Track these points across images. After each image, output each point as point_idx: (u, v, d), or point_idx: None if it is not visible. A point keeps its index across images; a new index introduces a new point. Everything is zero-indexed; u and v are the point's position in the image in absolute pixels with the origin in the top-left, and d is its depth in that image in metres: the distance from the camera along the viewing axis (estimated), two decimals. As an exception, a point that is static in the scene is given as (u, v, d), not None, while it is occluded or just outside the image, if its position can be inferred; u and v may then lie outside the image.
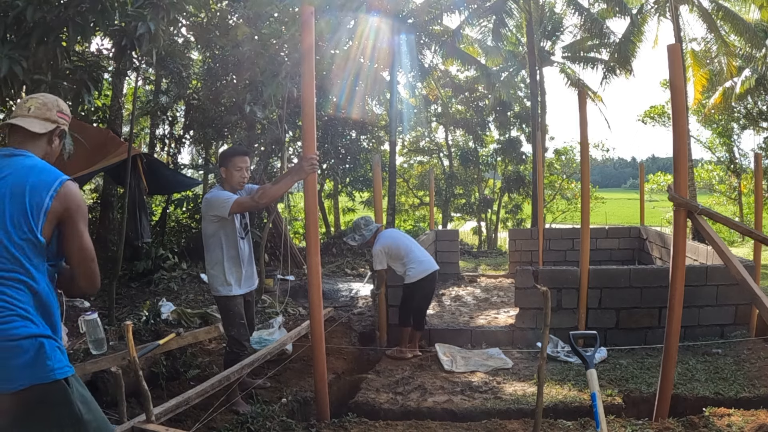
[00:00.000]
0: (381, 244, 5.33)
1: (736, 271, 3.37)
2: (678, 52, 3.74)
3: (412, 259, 5.23)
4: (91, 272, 1.95)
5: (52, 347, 1.79)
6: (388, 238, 5.37)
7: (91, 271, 1.95)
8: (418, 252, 5.32)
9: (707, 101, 18.94)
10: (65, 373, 1.78)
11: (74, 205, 1.92)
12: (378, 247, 5.34)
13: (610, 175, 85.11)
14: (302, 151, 3.88)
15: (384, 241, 5.34)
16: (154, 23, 4.67)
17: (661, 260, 8.92)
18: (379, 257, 5.32)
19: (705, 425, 3.57)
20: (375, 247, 5.36)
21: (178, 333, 4.74)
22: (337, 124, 12.87)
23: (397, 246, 5.32)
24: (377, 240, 5.38)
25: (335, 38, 9.83)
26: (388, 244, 5.31)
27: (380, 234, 5.44)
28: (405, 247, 5.30)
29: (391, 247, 5.30)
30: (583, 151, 5.73)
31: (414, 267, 5.23)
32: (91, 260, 1.95)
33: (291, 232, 17.32)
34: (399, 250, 5.29)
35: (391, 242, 5.33)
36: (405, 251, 5.26)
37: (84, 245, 1.94)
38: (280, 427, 3.63)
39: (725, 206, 25.75)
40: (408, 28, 16.11)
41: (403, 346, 5.33)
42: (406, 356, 5.25)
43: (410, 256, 5.24)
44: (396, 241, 5.35)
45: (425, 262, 5.28)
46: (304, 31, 3.68)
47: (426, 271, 5.25)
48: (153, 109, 11.55)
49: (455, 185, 24.10)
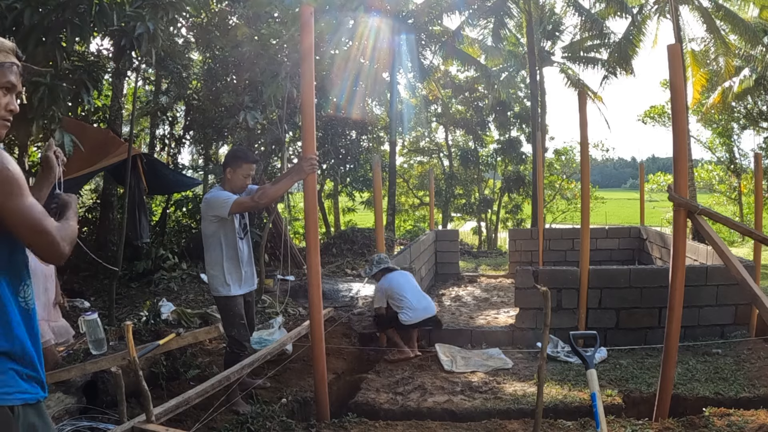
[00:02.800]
0: (382, 284, 5.44)
1: (736, 271, 3.37)
2: (678, 52, 3.74)
3: (407, 306, 5.28)
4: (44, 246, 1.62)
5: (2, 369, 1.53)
6: (390, 281, 5.42)
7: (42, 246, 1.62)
8: (413, 299, 5.32)
9: (707, 101, 18.95)
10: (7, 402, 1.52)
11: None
12: (378, 285, 5.48)
13: (610, 175, 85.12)
14: (302, 151, 3.87)
15: (385, 283, 5.43)
16: (153, 23, 4.67)
17: (661, 260, 8.92)
18: (378, 295, 5.45)
19: (705, 425, 3.57)
20: (376, 286, 5.52)
21: (178, 333, 4.74)
22: (337, 124, 12.87)
23: (392, 290, 5.36)
24: (382, 278, 5.47)
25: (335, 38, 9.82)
26: (387, 287, 5.40)
27: (387, 275, 5.48)
28: (401, 292, 5.33)
29: (389, 290, 5.37)
30: (583, 151, 5.73)
31: (408, 314, 5.26)
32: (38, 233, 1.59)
33: (291, 232, 17.32)
34: (396, 294, 5.34)
35: (389, 286, 5.39)
36: (401, 296, 5.31)
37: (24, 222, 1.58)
38: (280, 427, 3.63)
39: (725, 206, 25.76)
40: (408, 29, 16.12)
41: (400, 346, 5.33)
42: (408, 356, 5.24)
43: (404, 302, 5.28)
44: (395, 286, 5.39)
45: (420, 311, 5.30)
46: (303, 31, 3.68)
47: (418, 318, 5.30)
48: (153, 110, 11.55)
49: (455, 185, 24.13)
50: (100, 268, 8.71)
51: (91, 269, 8.51)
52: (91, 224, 10.53)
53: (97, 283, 8.22)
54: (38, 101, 4.44)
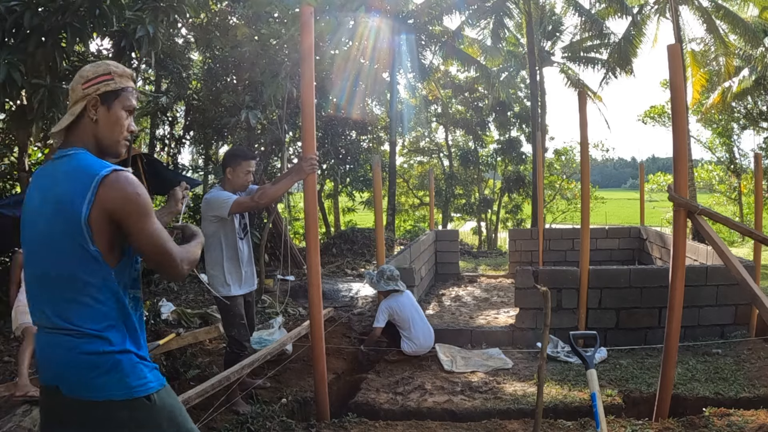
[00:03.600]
0: (390, 304, 5.32)
1: (736, 271, 3.37)
2: (678, 52, 3.74)
3: (411, 336, 5.21)
4: (166, 266, 1.76)
5: (132, 363, 1.72)
6: (400, 305, 5.32)
7: (164, 265, 1.76)
8: (419, 332, 5.26)
9: (706, 101, 18.96)
10: (147, 390, 1.72)
11: (121, 203, 1.68)
12: (385, 304, 5.33)
13: (610, 175, 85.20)
14: (302, 151, 3.88)
15: (393, 304, 5.31)
16: (153, 26, 4.68)
17: (661, 260, 8.92)
18: (382, 313, 5.29)
19: (705, 425, 3.57)
20: (383, 302, 5.36)
21: (178, 333, 4.75)
22: (337, 124, 12.88)
23: (400, 314, 5.28)
24: (389, 296, 5.37)
25: (335, 38, 9.83)
26: (396, 309, 5.29)
27: (395, 294, 5.39)
28: (409, 319, 5.27)
29: (397, 312, 5.28)
30: (583, 151, 5.73)
31: (411, 345, 5.21)
32: (161, 254, 1.73)
33: (291, 232, 17.33)
34: (404, 320, 5.26)
35: (398, 308, 5.29)
36: (408, 323, 5.25)
37: (148, 241, 1.72)
38: (280, 427, 3.63)
39: (725, 206, 25.77)
40: (408, 29, 16.13)
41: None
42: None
43: (410, 331, 5.22)
44: (405, 311, 5.31)
45: (423, 346, 5.25)
46: (303, 31, 3.68)
47: (420, 352, 5.24)
48: (153, 110, 11.55)
49: (455, 185, 24.14)
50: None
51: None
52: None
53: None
54: (38, 103, 4.44)
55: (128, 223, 1.70)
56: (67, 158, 1.76)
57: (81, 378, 1.67)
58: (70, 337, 1.68)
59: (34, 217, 1.77)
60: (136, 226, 1.70)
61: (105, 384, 1.67)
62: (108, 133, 1.83)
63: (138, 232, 1.70)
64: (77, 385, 1.68)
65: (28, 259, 1.80)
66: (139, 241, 1.71)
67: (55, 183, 1.73)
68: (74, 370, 1.68)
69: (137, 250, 1.76)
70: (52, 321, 1.71)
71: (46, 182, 1.77)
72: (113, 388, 1.68)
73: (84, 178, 1.68)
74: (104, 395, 1.67)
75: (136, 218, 1.70)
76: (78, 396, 1.67)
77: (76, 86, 1.82)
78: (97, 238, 1.68)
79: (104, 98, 1.81)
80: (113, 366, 1.69)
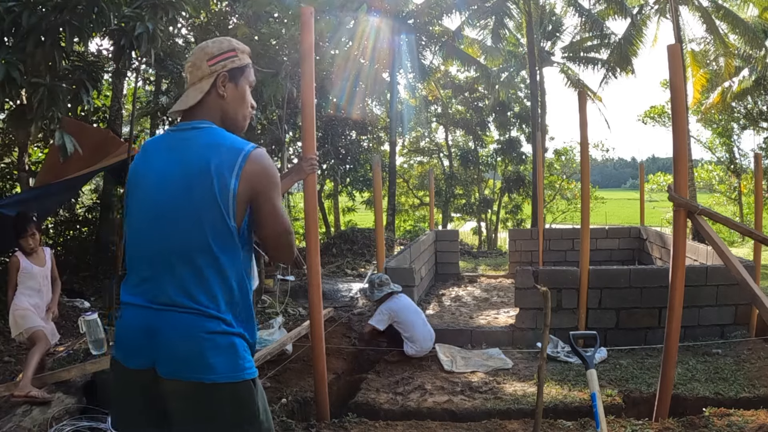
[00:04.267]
0: (389, 306, 5.30)
1: (736, 271, 3.37)
2: (678, 52, 3.74)
3: (413, 338, 5.20)
4: (287, 245, 1.78)
5: (244, 347, 1.71)
6: (398, 306, 5.32)
7: (286, 244, 1.78)
8: (420, 333, 5.25)
9: (706, 101, 18.97)
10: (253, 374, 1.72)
11: (264, 180, 1.69)
12: (385, 306, 5.30)
13: (610, 175, 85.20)
14: (302, 151, 3.88)
15: (392, 305, 5.31)
16: (152, 23, 4.67)
17: (661, 260, 8.92)
18: (381, 315, 5.27)
19: (705, 425, 3.57)
20: (383, 305, 5.33)
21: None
22: (337, 124, 12.89)
23: (401, 316, 5.28)
24: (388, 299, 5.35)
25: (335, 38, 9.83)
26: (395, 311, 5.28)
27: (393, 296, 5.38)
28: (410, 321, 5.26)
29: (397, 315, 5.27)
30: (583, 152, 5.73)
31: (413, 347, 5.19)
32: (287, 231, 1.77)
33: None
34: (404, 322, 5.26)
35: (397, 309, 5.29)
36: (410, 326, 5.24)
37: (277, 218, 1.73)
38: (280, 428, 3.63)
39: (725, 206, 25.77)
40: (408, 29, 16.13)
41: None
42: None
43: (412, 333, 5.22)
44: (404, 312, 5.31)
45: (424, 347, 5.24)
46: (303, 31, 3.68)
47: (421, 354, 5.23)
48: (153, 110, 11.54)
49: (455, 185, 24.14)
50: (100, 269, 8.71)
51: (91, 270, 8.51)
52: (91, 224, 10.52)
53: (97, 283, 8.21)
54: (38, 102, 4.43)
55: (264, 198, 1.70)
56: (200, 131, 1.73)
57: (194, 357, 1.61)
58: (193, 315, 1.63)
59: (161, 188, 1.70)
60: (270, 202, 1.71)
61: (218, 365, 1.62)
62: (236, 108, 1.83)
63: (272, 207, 1.71)
64: (186, 365, 1.61)
65: (145, 233, 1.72)
66: (270, 217, 1.72)
67: (193, 154, 1.69)
68: (189, 349, 1.62)
69: (264, 226, 1.74)
70: (172, 299, 1.64)
71: (176, 153, 1.71)
72: (226, 369, 1.63)
73: (229, 152, 1.67)
74: (214, 376, 1.62)
75: (272, 194, 1.72)
76: (181, 377, 1.61)
77: (200, 63, 1.80)
78: (237, 213, 1.67)
79: (231, 74, 1.81)
80: (229, 347, 1.66)
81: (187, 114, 1.80)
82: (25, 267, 4.11)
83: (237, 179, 1.65)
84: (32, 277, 4.14)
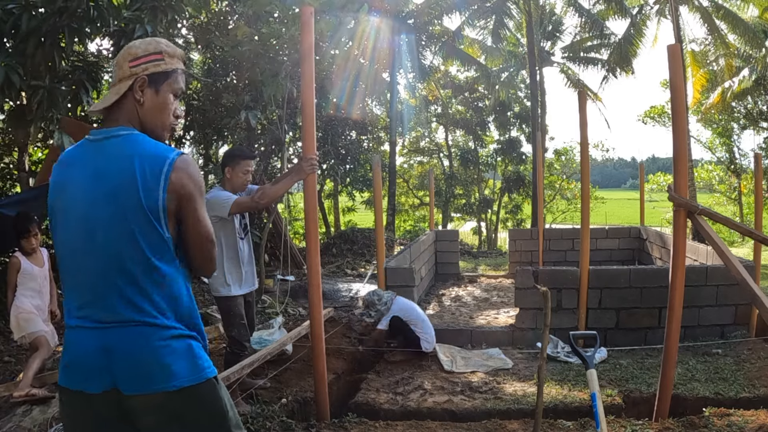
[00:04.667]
0: (399, 307, 5.31)
1: (736, 271, 3.37)
2: (678, 53, 3.74)
3: (427, 334, 5.24)
4: (209, 255, 1.73)
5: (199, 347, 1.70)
6: (403, 306, 5.35)
7: (208, 255, 1.73)
8: (427, 326, 5.30)
9: (706, 101, 18.97)
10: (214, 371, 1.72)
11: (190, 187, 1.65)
12: (396, 308, 5.30)
13: (610, 175, 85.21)
14: (302, 151, 3.88)
15: (401, 305, 5.33)
16: (151, 25, 4.68)
17: (661, 260, 8.92)
18: (388, 318, 5.26)
19: (705, 425, 3.57)
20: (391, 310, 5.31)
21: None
22: (337, 124, 12.88)
23: (410, 313, 5.31)
24: (393, 303, 5.35)
25: (335, 38, 9.82)
26: (407, 309, 5.31)
27: (395, 299, 5.39)
28: (420, 317, 5.31)
29: (409, 313, 5.29)
30: (583, 152, 5.73)
31: (427, 343, 5.23)
32: (210, 240, 1.71)
33: (291, 232, 17.33)
34: (415, 318, 5.29)
35: (407, 308, 5.33)
36: (421, 322, 5.28)
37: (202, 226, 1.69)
38: (280, 427, 3.63)
39: (725, 206, 25.77)
40: (408, 29, 16.14)
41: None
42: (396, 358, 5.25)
43: (423, 328, 5.25)
44: (411, 310, 5.35)
45: (432, 336, 5.29)
46: (303, 31, 3.68)
47: (432, 346, 5.27)
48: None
49: (455, 185, 24.13)
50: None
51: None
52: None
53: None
54: (37, 104, 4.44)
55: (190, 206, 1.66)
56: (119, 139, 1.65)
57: (154, 368, 1.60)
58: (144, 327, 1.61)
59: (89, 203, 1.63)
60: (196, 209, 1.67)
61: (179, 370, 1.61)
62: (153, 117, 1.73)
63: (198, 215, 1.67)
64: (148, 378, 1.59)
65: (80, 252, 1.64)
66: (196, 224, 1.68)
67: (117, 166, 1.62)
68: (148, 361, 1.60)
69: (189, 235, 1.69)
70: (121, 314, 1.61)
71: (100, 165, 1.64)
72: (187, 372, 1.63)
73: (153, 162, 1.61)
74: (177, 382, 1.61)
75: (198, 201, 1.67)
76: (146, 391, 1.59)
77: (122, 63, 1.70)
78: (169, 223, 1.64)
79: (153, 79, 1.70)
80: (187, 350, 1.65)
81: (108, 117, 1.72)
82: (26, 268, 4.11)
83: (165, 191, 1.60)
84: (33, 278, 4.14)
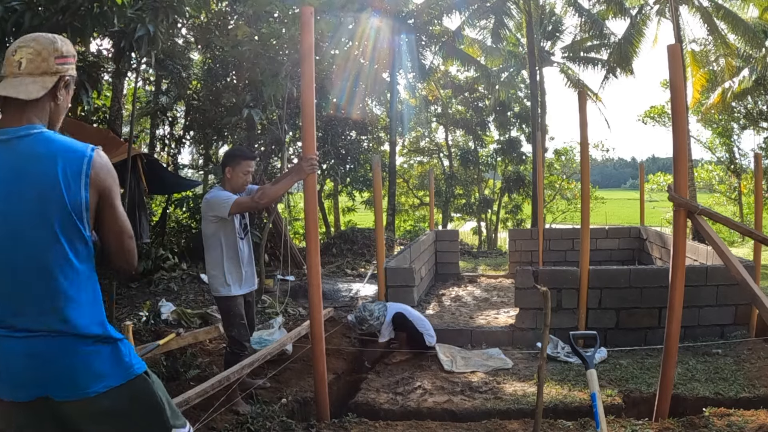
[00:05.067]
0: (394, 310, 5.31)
1: (736, 272, 3.37)
2: (678, 53, 3.74)
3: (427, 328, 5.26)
4: (129, 251, 1.73)
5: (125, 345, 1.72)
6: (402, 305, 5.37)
7: (128, 250, 1.73)
8: (427, 322, 5.34)
9: (707, 101, 18.97)
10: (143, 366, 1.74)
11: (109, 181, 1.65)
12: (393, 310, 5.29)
13: (610, 175, 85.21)
14: (302, 151, 3.88)
15: (397, 307, 5.35)
16: (152, 26, 4.67)
17: (661, 260, 8.92)
18: (389, 326, 5.24)
19: (705, 425, 3.56)
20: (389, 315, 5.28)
21: (178, 333, 4.74)
22: (337, 124, 12.89)
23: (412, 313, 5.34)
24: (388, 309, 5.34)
25: (335, 38, 9.83)
26: (403, 309, 5.32)
27: (388, 305, 5.38)
28: (418, 315, 5.34)
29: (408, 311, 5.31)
30: (583, 152, 5.73)
31: (431, 335, 5.25)
32: (130, 237, 1.72)
33: (291, 232, 17.32)
34: (415, 316, 5.32)
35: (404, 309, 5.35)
36: (421, 319, 5.31)
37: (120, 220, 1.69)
38: (280, 428, 3.63)
39: (725, 206, 25.77)
40: (408, 29, 16.14)
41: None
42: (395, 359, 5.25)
43: (423, 323, 5.27)
44: (410, 310, 5.38)
45: (433, 332, 5.32)
46: (303, 31, 3.68)
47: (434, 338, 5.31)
48: (153, 110, 11.55)
49: (455, 185, 24.13)
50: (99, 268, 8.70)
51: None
52: (91, 224, 10.50)
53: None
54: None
55: (109, 200, 1.66)
56: (32, 138, 1.60)
57: (85, 373, 1.61)
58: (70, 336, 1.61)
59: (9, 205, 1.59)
60: (114, 203, 1.67)
61: (109, 371, 1.64)
62: (59, 117, 1.74)
63: (116, 208, 1.68)
64: (81, 382, 1.60)
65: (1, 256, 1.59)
66: (114, 220, 1.68)
67: (34, 167, 1.58)
68: (77, 367, 1.61)
69: (108, 229, 1.69)
70: (45, 322, 1.59)
71: (16, 166, 1.58)
72: (117, 372, 1.66)
73: (72, 160, 1.59)
74: (109, 382, 1.63)
75: (116, 195, 1.68)
76: (80, 396, 1.60)
77: (47, 55, 1.64)
78: (90, 221, 1.64)
79: (69, 81, 1.73)
80: (113, 350, 1.67)
81: (12, 109, 1.62)
82: None
83: (86, 189, 1.60)
84: None
